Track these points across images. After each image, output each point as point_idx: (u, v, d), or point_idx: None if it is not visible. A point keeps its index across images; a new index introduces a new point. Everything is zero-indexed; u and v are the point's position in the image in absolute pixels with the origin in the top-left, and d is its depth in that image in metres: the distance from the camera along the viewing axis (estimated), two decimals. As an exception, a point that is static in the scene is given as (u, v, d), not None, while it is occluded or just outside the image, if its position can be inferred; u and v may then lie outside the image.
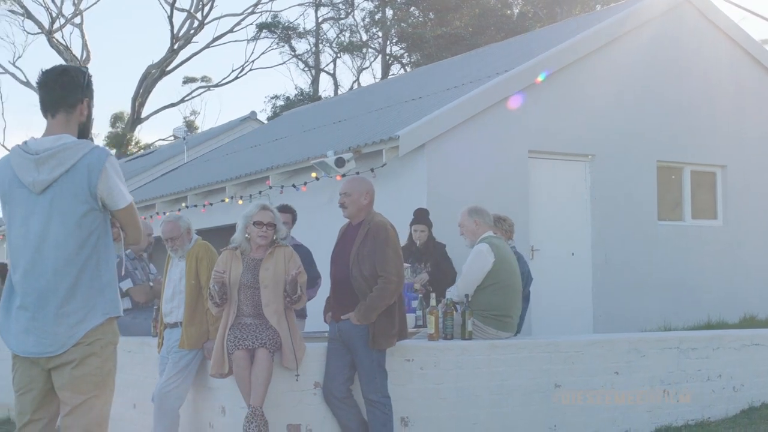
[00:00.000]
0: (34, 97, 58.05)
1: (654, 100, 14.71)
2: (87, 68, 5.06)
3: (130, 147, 50.32)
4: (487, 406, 8.61)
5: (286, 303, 7.83)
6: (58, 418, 4.88)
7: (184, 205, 17.95)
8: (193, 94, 55.12)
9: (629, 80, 14.62)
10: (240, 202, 16.02)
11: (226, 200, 16.66)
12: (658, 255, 14.54)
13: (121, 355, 9.81)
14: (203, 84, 55.28)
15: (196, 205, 17.68)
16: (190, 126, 53.30)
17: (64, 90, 4.90)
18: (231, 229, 11.55)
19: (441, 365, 8.44)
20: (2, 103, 66.73)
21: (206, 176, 18.76)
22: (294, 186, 14.83)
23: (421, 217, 11.21)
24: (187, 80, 55.14)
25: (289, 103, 45.52)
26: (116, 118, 54.29)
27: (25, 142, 4.88)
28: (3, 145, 54.62)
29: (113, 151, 50.77)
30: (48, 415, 4.88)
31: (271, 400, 7.68)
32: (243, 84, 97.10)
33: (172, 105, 54.24)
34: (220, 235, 13.47)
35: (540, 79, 13.59)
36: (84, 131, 4.98)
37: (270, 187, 15.38)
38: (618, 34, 14.63)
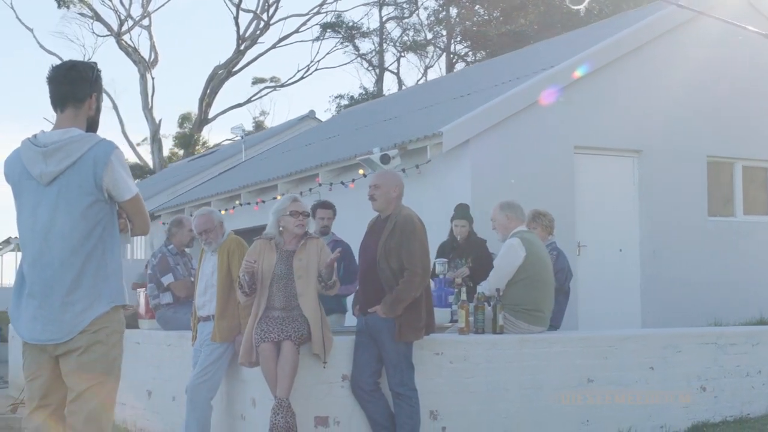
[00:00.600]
0: (105, 100, 58.79)
1: (703, 94, 14.55)
2: (95, 63, 5.16)
3: (197, 147, 50.87)
4: (517, 400, 8.60)
5: (320, 288, 7.91)
6: (65, 404, 5.01)
7: (237, 202, 18.19)
8: (260, 94, 55.62)
9: (678, 75, 14.45)
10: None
11: (278, 197, 16.81)
12: (709, 251, 14.38)
13: (162, 349, 10.07)
14: (269, 84, 55.79)
15: (249, 203, 17.89)
16: (258, 126, 53.72)
17: (73, 85, 5.02)
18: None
19: (471, 359, 8.46)
20: (73, 104, 67.77)
21: (260, 174, 18.98)
22: (342, 183, 14.95)
23: (461, 212, 11.22)
24: (256, 81, 55.69)
25: (353, 103, 45.74)
26: (184, 119, 54.96)
27: (35, 136, 5.01)
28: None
29: (181, 152, 51.50)
30: (56, 402, 5.00)
31: (299, 393, 7.77)
32: (312, 83, 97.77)
33: (239, 105, 54.76)
34: None
35: (578, 74, 13.52)
36: (93, 125, 5.11)
37: (320, 185, 15.53)
38: (666, 29, 14.52)
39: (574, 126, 13.57)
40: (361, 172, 14.30)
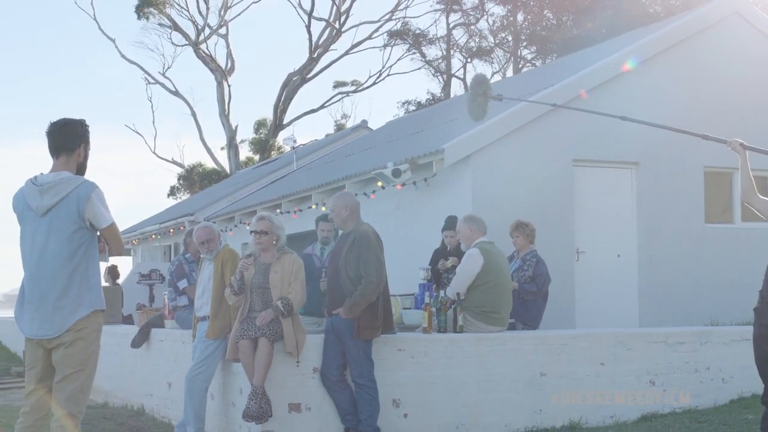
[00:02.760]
0: (183, 107, 61.49)
1: (701, 108, 15.39)
2: (84, 120, 6.58)
3: (272, 153, 52.42)
4: (474, 391, 9.75)
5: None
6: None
7: (278, 211, 19.50)
8: (333, 100, 57.14)
9: (675, 90, 15.35)
10: (324, 208, 17.43)
11: (313, 207, 18.11)
12: (706, 257, 15.26)
13: (178, 346, 11.43)
14: (344, 90, 57.27)
15: (288, 212, 19.21)
16: (339, 129, 55.04)
17: (66, 138, 6.48)
18: (315, 234, 12.94)
19: (431, 354, 9.64)
20: (153, 112, 70.47)
21: (299, 184, 20.30)
22: (365, 194, 16.16)
23: (450, 223, 12.36)
24: (338, 84, 57.21)
25: (420, 108, 46.89)
26: (259, 125, 56.60)
27: (35, 177, 6.49)
28: (155, 153, 57.88)
29: (257, 157, 53.16)
30: (47, 386, 6.44)
31: (275, 383, 9.05)
32: (392, 87, 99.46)
33: (312, 111, 56.37)
34: (308, 239, 14.73)
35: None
36: (81, 169, 6.56)
37: (347, 196, 16.72)
38: (664, 47, 15.46)
39: (572, 140, 14.58)
40: (379, 184, 15.52)
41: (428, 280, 11.64)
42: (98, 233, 6.49)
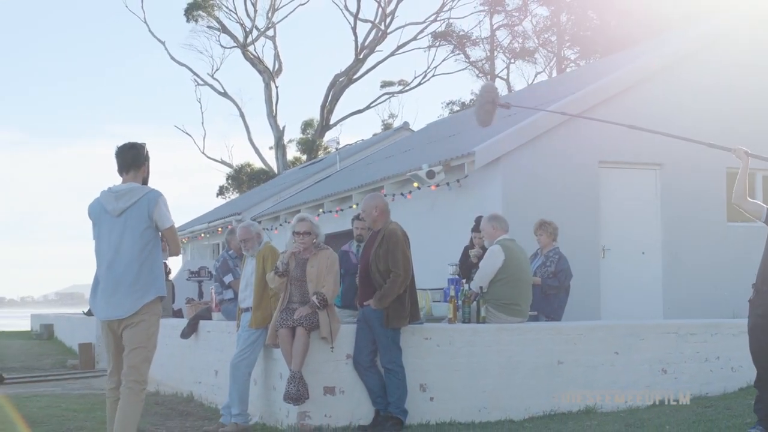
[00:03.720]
0: (232, 108, 62.84)
1: (722, 109, 16.05)
2: (145, 144, 7.90)
3: (319, 153, 53.39)
4: (495, 378, 10.53)
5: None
6: None
7: (321, 211, 20.40)
8: (378, 101, 58.03)
9: (697, 94, 16.02)
10: (363, 208, 18.27)
11: (354, 206, 18.95)
12: (728, 254, 15.89)
13: (224, 336, 12.36)
14: (390, 90, 58.14)
15: (330, 211, 20.10)
16: (387, 128, 55.88)
17: (134, 158, 7.87)
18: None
19: (455, 343, 10.44)
20: (202, 113, 71.94)
21: (341, 185, 21.18)
22: (402, 194, 17.01)
23: (479, 225, 13.13)
24: (385, 84, 58.14)
25: (464, 108, 47.63)
26: (306, 125, 57.67)
27: (110, 187, 7.78)
28: (204, 153, 59.11)
29: (304, 157, 54.17)
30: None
31: (312, 368, 9.91)
32: (440, 87, 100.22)
33: (359, 112, 57.37)
34: (349, 237, 15.51)
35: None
36: (145, 182, 7.86)
37: (385, 196, 17.55)
38: (688, 52, 16.17)
39: (598, 142, 15.30)
40: (415, 185, 16.36)
41: (457, 274, 12.43)
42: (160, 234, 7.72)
